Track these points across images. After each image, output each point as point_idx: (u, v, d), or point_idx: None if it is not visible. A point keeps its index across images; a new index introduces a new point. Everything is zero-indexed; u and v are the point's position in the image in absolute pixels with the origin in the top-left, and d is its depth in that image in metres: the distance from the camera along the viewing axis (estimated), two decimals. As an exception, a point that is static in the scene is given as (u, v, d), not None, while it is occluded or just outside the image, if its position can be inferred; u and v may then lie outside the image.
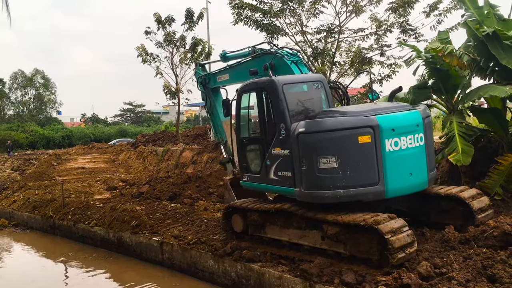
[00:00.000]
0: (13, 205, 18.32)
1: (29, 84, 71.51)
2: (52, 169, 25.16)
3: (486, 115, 10.93)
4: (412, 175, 7.79)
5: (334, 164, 7.39)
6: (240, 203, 9.52)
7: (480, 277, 6.38)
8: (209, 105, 13.37)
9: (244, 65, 11.17)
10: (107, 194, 17.55)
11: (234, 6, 18.74)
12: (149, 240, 11.25)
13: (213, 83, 12.88)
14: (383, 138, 7.40)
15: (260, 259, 8.48)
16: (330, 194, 7.43)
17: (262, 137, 8.85)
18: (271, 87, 8.45)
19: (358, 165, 7.39)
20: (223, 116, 13.00)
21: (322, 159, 7.44)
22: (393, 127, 7.53)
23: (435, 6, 18.29)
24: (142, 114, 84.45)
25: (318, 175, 7.50)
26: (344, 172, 7.37)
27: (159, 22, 27.49)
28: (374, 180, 7.42)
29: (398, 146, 7.58)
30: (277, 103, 8.28)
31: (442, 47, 10.44)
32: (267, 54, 10.35)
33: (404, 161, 7.68)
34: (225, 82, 12.48)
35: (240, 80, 12.13)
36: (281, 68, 9.77)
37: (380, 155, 7.40)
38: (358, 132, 7.37)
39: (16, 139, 52.86)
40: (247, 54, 11.66)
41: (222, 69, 12.58)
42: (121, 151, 30.10)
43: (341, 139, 7.41)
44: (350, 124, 7.45)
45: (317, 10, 19.14)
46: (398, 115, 7.88)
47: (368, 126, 7.40)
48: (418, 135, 7.89)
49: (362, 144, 7.35)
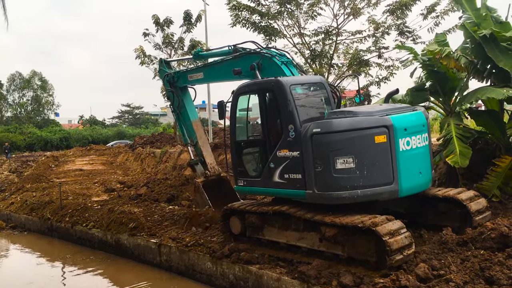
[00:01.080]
0: (11, 207, 18.29)
1: (26, 86, 71.34)
2: (50, 171, 25.11)
3: (484, 117, 10.96)
4: (421, 174, 7.95)
5: (352, 164, 7.39)
6: (238, 205, 9.51)
7: (478, 279, 6.39)
8: (176, 105, 12.90)
9: (225, 64, 10.82)
10: (105, 196, 17.52)
11: (232, 8, 18.74)
12: (147, 242, 11.23)
13: (183, 82, 12.48)
14: (397, 137, 7.50)
15: (258, 261, 8.47)
16: (348, 195, 7.42)
17: (264, 139, 8.70)
18: (278, 88, 8.29)
19: (374, 164, 7.44)
20: (193, 116, 12.92)
21: (339, 160, 7.42)
22: (405, 127, 7.66)
23: (433, 8, 18.32)
24: (140, 116, 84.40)
25: (335, 175, 7.45)
26: (361, 172, 7.40)
27: (157, 24, 27.54)
28: (389, 179, 7.49)
29: (409, 146, 7.69)
30: (286, 104, 8.13)
31: (439, 49, 10.45)
32: (254, 54, 10.05)
33: (415, 160, 7.82)
34: (198, 81, 12.09)
35: (216, 80, 11.88)
36: (270, 69, 9.50)
37: (395, 155, 7.48)
38: (374, 132, 7.43)
39: (13, 141, 52.75)
40: (226, 53, 11.31)
41: (195, 67, 12.22)
42: (119, 153, 30.07)
43: (359, 139, 7.44)
44: (367, 124, 7.49)
45: (315, 12, 19.13)
46: (408, 115, 8.01)
47: (383, 126, 7.46)
48: (424, 135, 8.08)
49: (378, 143, 7.42)
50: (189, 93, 13.03)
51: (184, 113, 12.88)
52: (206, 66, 11.90)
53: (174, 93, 12.74)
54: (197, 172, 12.84)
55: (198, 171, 12.80)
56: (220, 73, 11.17)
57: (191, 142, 13.03)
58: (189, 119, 12.82)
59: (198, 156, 12.89)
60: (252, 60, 9.80)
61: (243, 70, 9.88)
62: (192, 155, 13.24)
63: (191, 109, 13.00)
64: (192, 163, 12.95)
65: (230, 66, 10.40)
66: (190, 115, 12.83)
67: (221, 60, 11.21)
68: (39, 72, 72.90)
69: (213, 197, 12.16)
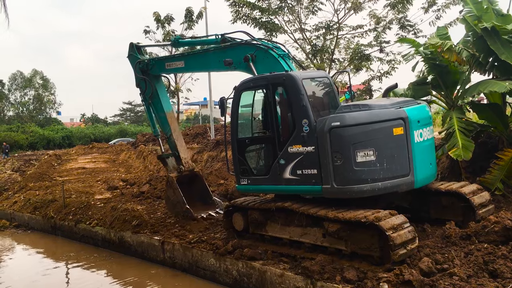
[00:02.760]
0: (14, 206, 18.33)
1: (28, 85, 71.51)
2: (53, 169, 25.16)
3: (486, 111, 10.92)
4: (431, 165, 8.15)
5: (372, 157, 7.42)
6: (240, 202, 9.51)
7: (482, 273, 6.39)
8: (149, 94, 11.94)
9: (213, 53, 10.31)
10: (107, 194, 17.55)
11: (232, 4, 18.70)
12: (150, 240, 11.25)
13: (159, 70, 11.72)
14: (412, 129, 7.60)
15: (262, 257, 8.48)
16: (369, 188, 7.43)
17: (272, 135, 8.49)
18: (290, 82, 8.15)
19: (393, 156, 7.50)
20: (167, 107, 12.16)
21: (360, 152, 7.43)
22: (418, 119, 7.78)
23: (434, 1, 18.24)
24: (142, 114, 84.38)
25: (356, 169, 7.44)
26: (381, 164, 7.45)
27: (158, 21, 27.50)
28: (406, 171, 7.59)
29: (422, 137, 7.84)
30: (299, 98, 8.00)
31: (441, 42, 10.41)
32: (248, 45, 9.64)
33: (426, 151, 8.00)
34: (176, 70, 11.34)
35: (199, 69, 11.22)
36: (265, 62, 9.18)
37: (410, 146, 7.58)
38: (393, 124, 7.50)
39: (16, 140, 52.86)
40: (212, 42, 10.82)
41: (176, 55, 11.48)
42: (121, 151, 30.11)
43: (378, 131, 7.48)
44: (385, 117, 7.55)
45: (316, 8, 19.06)
46: (418, 108, 8.11)
47: (400, 118, 7.54)
48: (430, 127, 8.27)
49: (396, 136, 7.51)
50: (163, 83, 12.30)
51: (158, 104, 12.07)
52: (190, 55, 11.24)
53: (146, 82, 11.85)
54: (169, 166, 12.27)
55: (170, 165, 12.23)
56: (205, 63, 10.68)
57: (166, 135, 12.31)
58: (163, 110, 12.08)
59: (172, 150, 12.26)
60: (245, 52, 9.44)
61: (234, 61, 9.54)
62: (163, 148, 12.78)
63: (164, 99, 12.25)
64: (164, 156, 12.37)
65: (219, 56, 9.99)
66: (164, 106, 12.09)
67: (207, 49, 10.69)
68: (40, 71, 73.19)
69: (187, 192, 11.78)
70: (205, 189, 12.45)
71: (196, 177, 12.51)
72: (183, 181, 12.09)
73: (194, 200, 12.09)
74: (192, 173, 12.39)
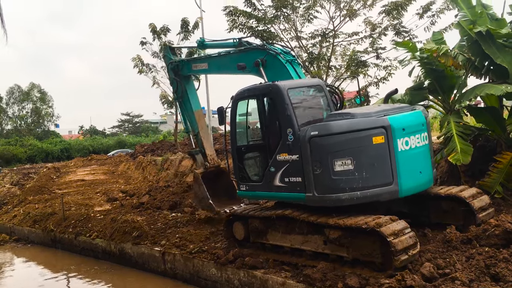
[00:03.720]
0: (14, 220, 18.27)
1: (26, 98, 71.42)
2: (52, 182, 25.11)
3: (483, 114, 10.95)
4: (421, 173, 7.96)
5: (350, 166, 7.41)
6: (240, 211, 9.51)
7: (484, 277, 6.38)
8: (180, 93, 12.65)
9: (229, 57, 10.72)
10: (107, 206, 17.51)
11: (228, 14, 18.79)
12: (151, 251, 11.22)
13: (187, 71, 12.29)
14: (395, 138, 7.52)
15: (263, 265, 8.46)
16: (347, 197, 7.44)
17: (264, 143, 8.74)
18: (275, 92, 8.34)
19: (373, 165, 7.46)
20: (196, 106, 12.69)
21: (337, 162, 7.45)
22: (403, 127, 7.67)
23: (428, 7, 18.34)
24: (140, 124, 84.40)
25: (334, 178, 7.48)
26: (360, 173, 7.42)
27: (154, 33, 27.56)
28: (389, 179, 7.50)
29: (408, 146, 7.71)
30: (284, 108, 8.18)
31: (437, 47, 10.48)
32: (260, 49, 9.95)
33: (414, 160, 7.83)
34: (202, 71, 11.92)
35: (220, 71, 11.66)
36: (273, 66, 9.44)
37: (393, 155, 7.50)
38: (372, 133, 7.45)
39: (14, 154, 52.75)
40: (231, 45, 11.18)
41: (201, 57, 12.01)
42: (120, 162, 30.07)
43: (356, 140, 7.47)
44: (364, 125, 7.51)
45: (311, 16, 19.15)
46: (406, 115, 8.02)
47: (381, 127, 7.49)
48: (423, 134, 8.10)
49: (376, 144, 7.44)
50: (193, 82, 12.86)
51: (187, 103, 12.67)
52: (212, 57, 11.70)
53: (177, 82, 12.56)
54: (197, 162, 12.73)
55: (198, 161, 12.68)
56: (224, 66, 11.05)
57: (193, 132, 12.87)
58: (192, 109, 12.62)
59: (199, 147, 12.75)
60: (256, 56, 9.72)
61: (247, 65, 9.78)
62: (194, 144, 13.15)
63: (194, 98, 12.78)
64: (193, 153, 12.83)
65: (235, 60, 10.31)
66: (192, 105, 12.61)
67: (226, 53, 11.09)
68: (38, 84, 73.03)
69: (212, 188, 12.06)
70: (231, 184, 12.53)
71: (222, 173, 12.76)
72: (210, 177, 12.40)
73: (219, 195, 12.29)
74: (217, 169, 12.73)
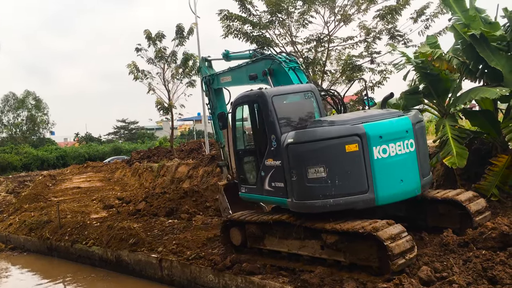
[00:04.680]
0: (9, 228, 18.16)
1: (21, 106, 71.18)
2: (47, 190, 24.98)
3: (478, 117, 10.99)
4: (403, 181, 7.79)
5: (323, 174, 7.47)
6: (237, 216, 9.49)
7: (481, 280, 6.38)
8: (211, 106, 13.02)
9: (244, 68, 11.05)
10: (103, 213, 17.44)
11: (223, 18, 18.83)
12: (148, 257, 11.17)
13: (217, 84, 12.58)
14: (370, 145, 7.46)
15: (260, 271, 8.44)
16: (320, 204, 7.51)
17: (256, 148, 8.97)
18: (261, 99, 8.59)
19: (346, 173, 7.45)
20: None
21: (310, 169, 7.53)
22: (380, 134, 7.58)
23: (422, 11, 18.46)
24: (135, 131, 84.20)
25: (308, 185, 7.58)
26: (332, 181, 7.45)
27: (149, 39, 27.56)
28: (364, 188, 7.47)
29: (386, 153, 7.61)
30: (268, 114, 8.42)
31: (431, 51, 10.52)
32: (267, 59, 10.25)
33: (394, 168, 7.70)
34: (228, 84, 12.17)
35: (241, 83, 11.94)
36: (279, 74, 9.75)
37: (369, 163, 7.45)
38: (345, 141, 7.43)
39: (9, 162, 52.53)
40: (248, 57, 11.49)
41: (225, 70, 12.25)
42: (116, 169, 29.97)
43: (329, 148, 7.48)
44: (337, 133, 7.50)
45: (306, 21, 19.24)
46: (385, 122, 7.88)
47: (355, 135, 7.45)
48: (408, 141, 7.88)
49: (349, 152, 7.41)
50: (224, 95, 12.95)
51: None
52: (234, 69, 11.93)
53: (210, 95, 12.85)
54: (224, 173, 13.01)
55: (224, 173, 12.96)
56: (242, 77, 11.25)
57: (220, 144, 13.15)
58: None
59: (224, 159, 13.03)
60: (265, 66, 10.04)
61: (258, 75, 10.09)
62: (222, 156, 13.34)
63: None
64: (221, 165, 13.09)
65: (248, 70, 10.64)
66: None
67: (242, 65, 11.37)
68: (33, 92, 72.81)
69: (233, 200, 12.13)
70: None
71: None
72: (232, 189, 12.36)
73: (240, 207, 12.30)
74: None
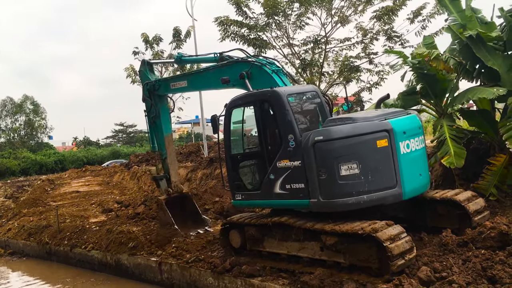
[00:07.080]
0: (8, 233, 18.11)
1: (18, 110, 71.11)
2: (46, 194, 24.92)
3: (476, 117, 11.03)
4: (421, 175, 8.06)
5: (356, 170, 7.42)
6: (237, 218, 9.49)
7: (481, 279, 6.39)
8: (153, 114, 12.20)
9: (211, 72, 10.53)
10: (102, 217, 17.39)
11: (220, 23, 18.86)
12: (147, 261, 11.16)
13: (164, 90, 11.89)
14: (397, 141, 7.58)
15: (260, 273, 8.43)
16: (354, 201, 7.43)
17: (262, 151, 8.66)
18: (275, 98, 8.32)
19: (378, 169, 7.49)
20: (167, 130, 12.49)
21: (343, 166, 7.45)
22: (404, 130, 7.75)
23: (419, 12, 18.52)
24: (134, 134, 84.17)
25: (340, 182, 7.46)
26: (366, 177, 7.44)
27: (146, 42, 27.59)
28: (392, 183, 7.55)
29: (409, 148, 7.79)
30: (284, 114, 8.15)
31: (428, 51, 10.55)
32: (243, 62, 9.81)
33: (414, 162, 7.92)
34: (180, 90, 11.75)
35: (201, 88, 11.63)
36: (259, 78, 9.36)
37: (396, 158, 7.55)
38: (376, 137, 7.48)
39: (8, 167, 52.45)
40: (211, 60, 11.06)
41: (179, 75, 11.91)
42: (115, 173, 29.90)
43: (361, 144, 7.48)
44: (368, 129, 7.54)
45: (303, 22, 19.29)
46: (405, 118, 8.10)
47: (384, 130, 7.53)
48: (421, 137, 8.20)
49: (380, 148, 7.48)
50: (167, 104, 12.53)
51: (159, 125, 12.34)
52: (191, 74, 11.48)
53: (152, 102, 12.12)
54: (161, 187, 12.59)
55: (162, 187, 12.55)
56: (205, 82, 10.87)
57: (161, 156, 12.63)
58: (162, 132, 12.37)
59: (165, 172, 12.59)
60: (240, 69, 9.61)
61: (231, 79, 9.69)
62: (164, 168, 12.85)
63: (166, 122, 12.49)
64: (158, 178, 12.63)
65: (217, 74, 10.17)
66: (164, 128, 12.36)
67: (206, 68, 10.91)
68: (30, 96, 72.74)
69: (176, 214, 12.14)
70: (195, 209, 12.77)
71: (186, 199, 12.91)
72: (173, 203, 12.43)
73: (185, 220, 12.46)
74: (181, 195, 12.77)
